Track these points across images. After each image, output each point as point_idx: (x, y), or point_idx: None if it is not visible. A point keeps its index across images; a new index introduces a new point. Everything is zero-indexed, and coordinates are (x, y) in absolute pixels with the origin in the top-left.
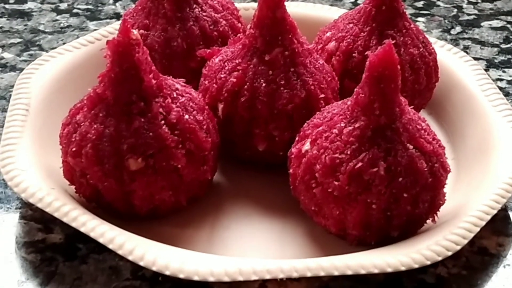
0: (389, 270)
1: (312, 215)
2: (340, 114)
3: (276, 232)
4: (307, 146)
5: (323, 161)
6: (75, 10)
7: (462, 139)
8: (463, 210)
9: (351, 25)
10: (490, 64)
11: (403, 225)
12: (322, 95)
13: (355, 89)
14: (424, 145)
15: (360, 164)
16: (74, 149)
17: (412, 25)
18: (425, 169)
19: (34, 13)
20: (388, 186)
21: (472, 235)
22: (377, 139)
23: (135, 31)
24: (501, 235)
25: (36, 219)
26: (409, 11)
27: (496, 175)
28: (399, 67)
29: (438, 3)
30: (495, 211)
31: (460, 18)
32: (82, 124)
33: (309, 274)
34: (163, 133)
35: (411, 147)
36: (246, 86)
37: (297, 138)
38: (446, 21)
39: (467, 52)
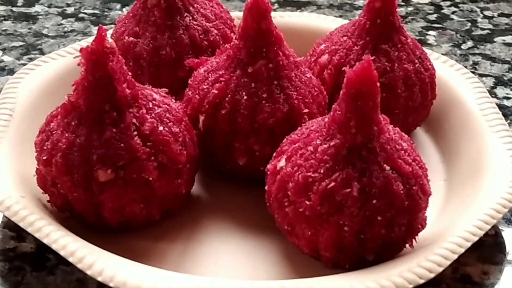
0: None
1: (286, 234)
2: (317, 131)
3: (251, 250)
4: (282, 162)
5: (296, 179)
6: (81, 15)
7: (457, 159)
8: (444, 235)
9: (345, 38)
10: (498, 82)
11: (378, 248)
12: (306, 110)
13: (333, 106)
14: (402, 166)
15: (332, 184)
16: (45, 157)
17: (409, 40)
18: (402, 192)
19: (40, 17)
20: (361, 208)
21: (448, 262)
22: (352, 158)
23: (109, 39)
24: (487, 263)
25: (10, 227)
26: (420, 24)
27: (484, 199)
28: (378, 84)
29: (452, 16)
30: (476, 238)
31: (473, 33)
32: (54, 132)
33: None
34: (135, 145)
35: (387, 168)
36: (227, 99)
37: (274, 154)
38: (458, 35)
39: (475, 68)
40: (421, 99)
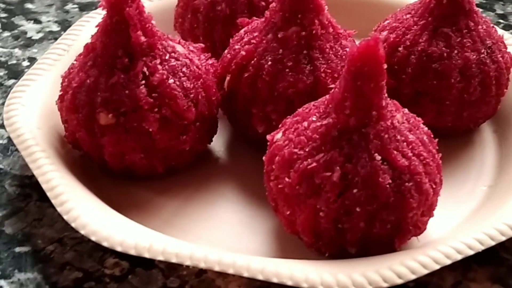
0: (305, 285)
1: (272, 209)
2: (317, 106)
3: (247, 222)
4: (279, 134)
5: (282, 153)
6: None
7: (508, 166)
8: (442, 242)
9: (408, 15)
10: None
11: (360, 242)
12: (333, 85)
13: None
14: (397, 159)
15: (314, 164)
16: (61, 93)
17: (480, 27)
18: (388, 186)
19: None
20: (340, 195)
21: (425, 271)
22: (341, 141)
23: None
24: (497, 283)
25: None
26: None
27: (502, 213)
28: (385, 66)
29: None
30: (471, 252)
31: None
32: (72, 70)
33: (230, 271)
34: (139, 93)
35: (378, 158)
36: (253, 62)
37: (280, 125)
38: None
39: None
40: (481, 93)
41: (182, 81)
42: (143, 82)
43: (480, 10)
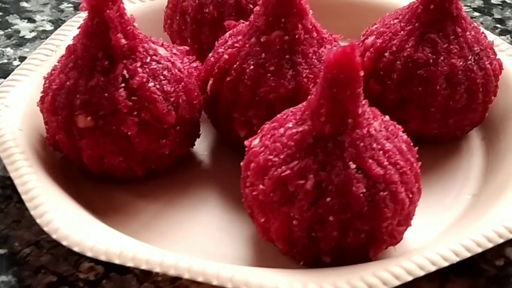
0: None
1: (249, 216)
2: (294, 113)
3: (226, 228)
4: (256, 141)
5: (258, 160)
6: None
7: (496, 174)
8: (417, 252)
9: (395, 20)
10: None
11: (334, 251)
12: None
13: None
14: (372, 167)
15: (288, 172)
16: (42, 94)
17: (468, 33)
18: (361, 195)
19: None
20: (313, 203)
21: (397, 282)
22: (316, 149)
23: None
24: None
25: None
26: None
27: (481, 224)
28: (361, 72)
29: None
30: (446, 263)
31: None
32: (54, 71)
33: (200, 279)
34: (118, 96)
35: (353, 166)
36: (235, 66)
37: (259, 130)
38: None
39: None
40: (468, 100)
41: (162, 84)
42: (123, 85)
43: (478, 14)
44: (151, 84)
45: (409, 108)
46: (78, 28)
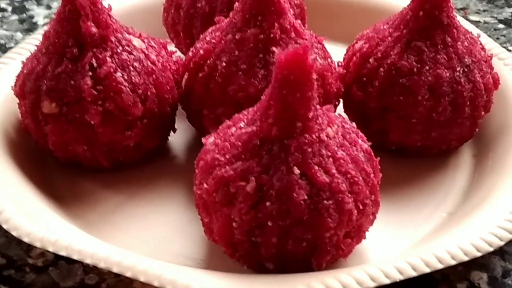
0: None
1: (198, 214)
2: (249, 113)
3: (181, 226)
4: (211, 139)
5: (206, 158)
6: None
7: (474, 194)
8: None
9: (386, 26)
10: None
11: (276, 258)
12: None
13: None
14: (317, 175)
15: (231, 172)
16: (16, 78)
17: (459, 43)
18: (302, 202)
19: None
20: (253, 207)
21: None
22: (261, 151)
23: None
24: None
25: None
26: None
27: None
28: (314, 76)
29: None
30: (400, 277)
31: None
32: (28, 56)
33: (128, 274)
34: (83, 85)
35: (297, 171)
36: (209, 62)
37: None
38: None
39: None
40: (452, 113)
41: (131, 75)
42: (90, 73)
43: (502, 26)
44: (118, 74)
45: (390, 117)
46: (55, 14)
